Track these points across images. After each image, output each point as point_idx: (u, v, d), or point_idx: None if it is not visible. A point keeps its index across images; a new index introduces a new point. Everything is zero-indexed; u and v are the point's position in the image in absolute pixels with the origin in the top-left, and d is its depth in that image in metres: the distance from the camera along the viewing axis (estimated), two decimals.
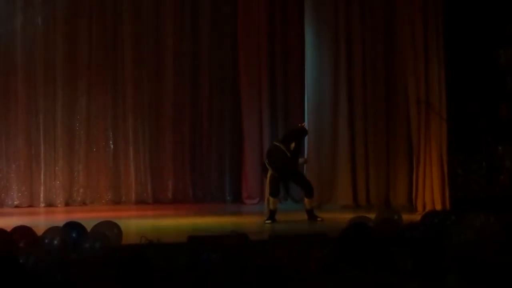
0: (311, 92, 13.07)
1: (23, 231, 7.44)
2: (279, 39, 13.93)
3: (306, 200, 10.97)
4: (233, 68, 14.16)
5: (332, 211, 12.20)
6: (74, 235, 7.50)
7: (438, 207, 11.49)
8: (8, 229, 7.34)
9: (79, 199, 13.74)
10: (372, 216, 8.70)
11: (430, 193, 11.72)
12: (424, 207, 11.63)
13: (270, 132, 13.84)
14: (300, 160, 11.52)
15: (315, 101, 13.03)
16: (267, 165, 10.90)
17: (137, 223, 10.54)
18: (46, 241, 7.25)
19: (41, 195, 13.51)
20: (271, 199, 10.78)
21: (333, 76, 13.01)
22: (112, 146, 13.96)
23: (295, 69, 13.77)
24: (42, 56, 13.62)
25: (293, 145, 10.86)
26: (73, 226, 7.73)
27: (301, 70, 13.44)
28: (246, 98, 13.90)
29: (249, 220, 10.75)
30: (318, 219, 10.73)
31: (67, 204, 13.62)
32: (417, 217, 9.85)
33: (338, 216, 10.90)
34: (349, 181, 12.92)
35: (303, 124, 11.78)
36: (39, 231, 7.57)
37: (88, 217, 9.93)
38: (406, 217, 9.28)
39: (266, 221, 10.56)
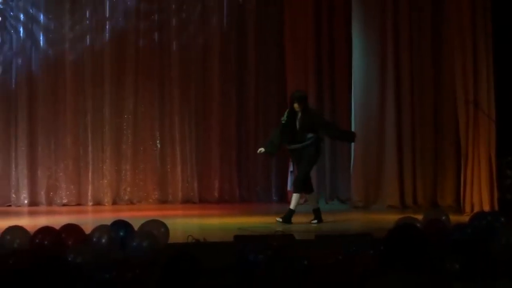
0: (358, 93, 13.00)
1: (72, 230, 7.51)
2: (326, 40, 13.84)
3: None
4: (279, 69, 14.13)
5: (379, 211, 12.14)
6: (121, 233, 7.55)
7: (486, 208, 11.37)
8: (57, 227, 7.42)
9: (126, 198, 13.85)
10: (419, 217, 8.64)
11: (478, 194, 11.61)
12: (472, 208, 11.52)
13: None
14: None
15: (362, 102, 12.96)
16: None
17: (184, 222, 10.59)
18: (94, 239, 7.31)
19: (89, 194, 13.65)
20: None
21: (380, 77, 12.94)
22: (159, 145, 14.04)
23: (342, 70, 13.69)
24: (90, 57, 13.75)
25: None
26: (120, 224, 7.78)
27: (348, 71, 13.35)
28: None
29: (295, 220, 10.72)
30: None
31: (114, 203, 13.73)
32: (465, 218, 9.77)
33: (385, 217, 10.85)
34: (396, 181, 12.83)
35: None
36: (87, 229, 7.64)
37: (135, 216, 10.00)
38: (453, 218, 9.21)
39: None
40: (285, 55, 13.92)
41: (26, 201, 13.42)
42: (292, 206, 10.59)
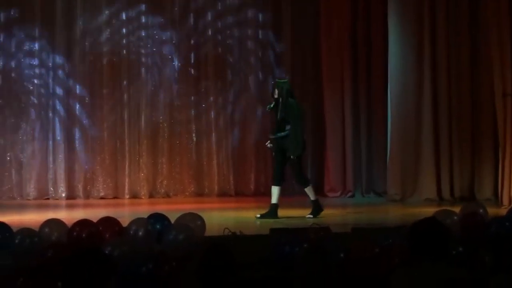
0: (394, 87, 12.90)
1: (109, 223, 7.54)
2: (362, 34, 13.78)
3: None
4: (314, 63, 14.11)
5: (415, 204, 12.07)
6: (158, 226, 7.58)
7: None
8: (94, 220, 7.47)
9: (162, 191, 13.91)
10: (456, 210, 8.58)
11: None
12: (510, 201, 11.41)
13: (352, 125, 13.74)
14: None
15: (398, 95, 12.86)
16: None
17: (220, 215, 10.61)
18: (131, 232, 7.34)
19: (126, 187, 13.73)
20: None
21: (417, 70, 12.82)
22: (195, 139, 14.09)
23: (378, 64, 13.60)
24: (127, 50, 13.82)
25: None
26: (157, 217, 7.81)
27: (384, 64, 13.27)
28: (328, 90, 13.83)
29: (331, 213, 10.70)
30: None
31: (151, 196, 13.81)
32: (502, 211, 9.69)
33: (421, 210, 10.78)
34: (433, 174, 12.75)
35: None
36: (124, 222, 7.68)
37: (172, 209, 10.04)
38: (491, 211, 9.12)
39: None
40: (320, 45, 13.87)
41: (64, 194, 13.53)
42: (312, 196, 10.36)
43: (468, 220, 7.94)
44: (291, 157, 10.15)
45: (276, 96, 10.19)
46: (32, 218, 9.94)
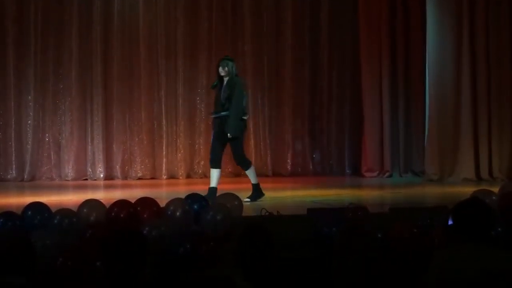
0: (432, 66, 12.77)
1: (147, 203, 7.57)
2: (401, 14, 13.67)
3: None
4: (352, 41, 14.04)
5: (454, 184, 11.99)
6: (196, 206, 7.59)
7: None
8: (132, 201, 7.50)
9: (200, 171, 13.96)
10: (495, 190, 8.50)
11: None
12: None
13: (389, 104, 13.66)
14: None
15: (436, 74, 12.74)
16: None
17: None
18: (169, 213, 7.36)
19: (163, 168, 13.80)
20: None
21: (455, 49, 12.69)
22: None
23: (416, 44, 13.49)
24: (163, 31, 13.86)
25: None
26: (195, 198, 7.83)
27: (423, 44, 13.14)
28: (366, 71, 13.75)
29: (368, 193, 10.66)
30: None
31: (188, 176, 13.87)
32: None
33: (460, 190, 10.71)
34: (471, 154, 12.64)
35: None
36: (162, 203, 7.71)
37: None
38: None
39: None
40: (359, 28, 13.79)
41: (102, 175, 13.63)
42: (253, 181, 10.02)
43: (507, 200, 7.84)
44: (229, 136, 9.82)
45: (223, 74, 9.80)
46: (71, 198, 10.03)
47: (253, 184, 9.97)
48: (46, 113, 13.67)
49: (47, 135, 13.66)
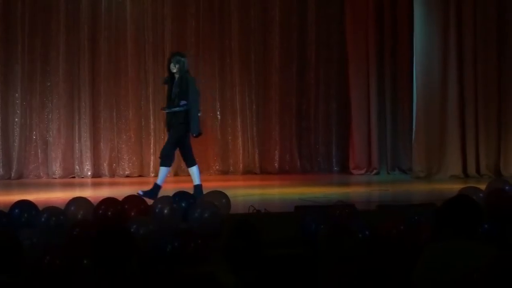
0: (419, 64, 12.77)
1: (134, 201, 7.58)
2: (388, 12, 13.68)
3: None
4: (340, 38, 14.04)
5: (441, 181, 12.03)
6: (183, 204, 7.60)
7: None
8: (120, 199, 7.50)
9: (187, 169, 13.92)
10: (482, 187, 8.53)
11: None
12: None
13: (377, 102, 13.67)
14: None
15: (424, 72, 12.74)
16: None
17: (245, 193, 10.62)
18: (157, 210, 7.36)
19: (151, 165, 13.77)
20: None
21: (442, 47, 12.70)
22: (219, 117, 14.08)
23: (404, 42, 13.48)
24: (150, 29, 13.83)
25: None
26: (182, 195, 7.84)
27: (410, 43, 13.14)
28: (353, 68, 13.77)
29: (356, 190, 10.68)
30: None
31: (176, 174, 13.82)
32: None
33: (447, 187, 10.74)
34: (458, 151, 12.68)
35: None
36: (149, 201, 7.71)
37: None
38: None
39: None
40: (346, 26, 13.81)
41: (89, 173, 13.60)
42: (159, 181, 9.73)
43: (494, 197, 7.88)
44: (194, 135, 9.81)
45: (174, 70, 9.68)
46: (58, 196, 10.01)
47: (156, 184, 9.66)
48: (33, 111, 13.62)
49: (34, 133, 13.62)
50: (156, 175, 13.59)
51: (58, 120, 13.66)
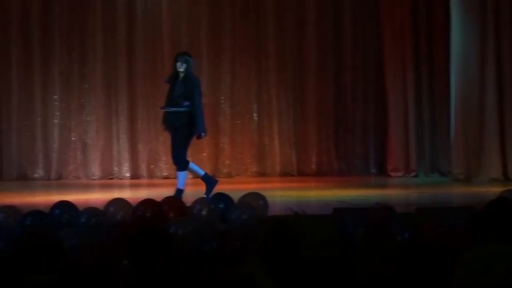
0: (456, 65, 12.66)
1: (173, 202, 7.62)
2: (424, 11, 13.60)
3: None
4: (376, 40, 13.98)
5: (481, 184, 11.92)
6: (221, 206, 7.62)
7: None
8: (158, 200, 7.54)
9: (225, 171, 13.97)
10: None
11: None
12: None
13: (414, 104, 13.59)
14: None
15: (461, 73, 12.63)
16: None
17: (282, 194, 10.63)
18: (195, 212, 7.39)
19: None
20: None
21: (480, 48, 12.57)
22: (256, 118, 14.10)
23: (440, 42, 13.40)
24: (186, 29, 13.89)
25: None
26: (220, 197, 7.85)
27: (447, 44, 13.04)
28: (390, 70, 13.70)
29: (394, 192, 10.63)
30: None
31: (213, 175, 13.86)
32: None
33: (487, 190, 10.64)
34: (498, 153, 12.54)
35: None
36: (188, 202, 7.74)
37: (234, 189, 10.07)
38: None
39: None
40: (382, 27, 13.74)
41: (127, 174, 13.69)
42: (180, 185, 9.75)
43: None
44: (203, 135, 9.80)
45: (181, 70, 9.65)
46: (97, 197, 10.09)
47: (179, 189, 9.69)
48: (72, 112, 13.76)
49: (73, 134, 13.75)
50: (194, 177, 13.66)
51: (96, 122, 13.78)
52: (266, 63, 14.06)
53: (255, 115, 14.10)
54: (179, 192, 9.62)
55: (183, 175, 9.77)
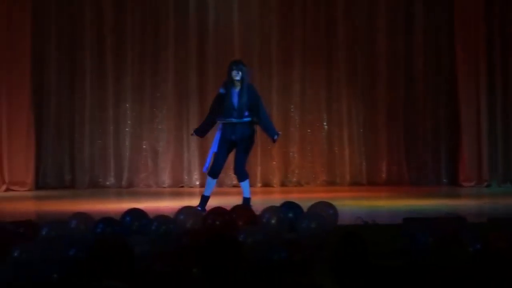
0: None
1: (242, 210, 7.63)
2: (497, 20, 13.41)
3: None
4: (448, 49, 13.83)
5: None
6: (291, 215, 7.60)
7: None
8: (228, 208, 7.56)
9: (294, 179, 13.96)
10: None
11: None
12: None
13: (487, 112, 13.41)
14: None
15: None
16: None
17: (352, 204, 10.56)
18: (264, 220, 7.39)
19: (258, 176, 13.85)
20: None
21: None
22: (326, 127, 14.07)
23: None
24: (257, 38, 13.95)
25: None
26: (290, 206, 7.84)
27: None
28: (463, 79, 13.54)
29: (466, 202, 10.48)
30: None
31: (282, 184, 13.89)
32: None
33: None
34: None
35: None
36: (257, 210, 7.75)
37: (304, 198, 10.06)
38: None
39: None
40: (455, 34, 13.59)
41: (197, 182, 13.78)
42: (247, 193, 9.68)
43: None
44: (279, 133, 9.75)
45: (238, 78, 9.44)
46: (167, 205, 10.17)
47: (246, 197, 9.65)
48: (143, 121, 13.92)
49: (144, 142, 13.91)
50: (263, 186, 13.77)
51: (167, 130, 13.91)
52: (337, 72, 14.02)
53: (325, 124, 14.07)
54: (247, 200, 9.62)
55: (247, 184, 9.75)
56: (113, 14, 13.86)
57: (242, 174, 9.70)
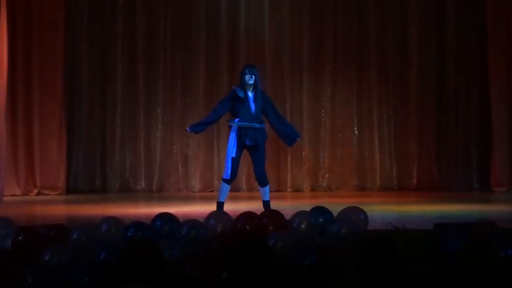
0: None
1: (272, 215, 7.63)
2: None
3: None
4: (481, 54, 13.75)
5: None
6: (321, 219, 7.59)
7: None
8: (258, 213, 7.57)
9: (324, 184, 13.95)
10: None
11: None
12: None
13: None
14: None
15: None
16: None
17: (382, 209, 10.53)
18: (294, 225, 7.38)
19: (288, 180, 13.85)
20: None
21: None
22: (356, 132, 14.04)
23: None
24: (288, 44, 13.96)
25: None
26: (320, 211, 7.82)
27: None
28: (495, 82, 13.46)
29: (497, 208, 10.40)
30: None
31: (312, 189, 13.88)
32: None
33: None
34: None
35: None
36: (287, 215, 7.74)
37: (334, 202, 10.04)
38: None
39: None
40: (487, 36, 13.50)
41: None
42: (268, 197, 9.66)
43: None
44: (297, 139, 9.70)
45: (251, 82, 9.38)
46: (198, 209, 10.20)
47: (267, 201, 9.62)
48: (174, 126, 13.98)
49: (174, 147, 13.97)
50: (294, 190, 13.78)
51: (197, 135, 13.93)
52: (367, 76, 14.00)
53: (356, 128, 14.05)
54: (268, 203, 9.64)
55: (268, 188, 9.72)
56: (145, 19, 13.94)
57: (265, 179, 9.66)
